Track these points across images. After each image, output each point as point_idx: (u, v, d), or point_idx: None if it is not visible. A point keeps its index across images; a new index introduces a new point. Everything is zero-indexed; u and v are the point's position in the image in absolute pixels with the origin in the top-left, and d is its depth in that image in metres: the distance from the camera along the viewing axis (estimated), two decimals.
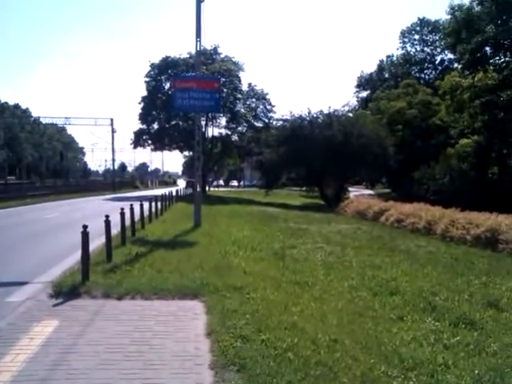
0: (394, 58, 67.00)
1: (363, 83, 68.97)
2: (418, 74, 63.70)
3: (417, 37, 65.64)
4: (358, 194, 40.91)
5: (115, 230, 11.03)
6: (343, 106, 42.55)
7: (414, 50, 66.17)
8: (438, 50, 63.55)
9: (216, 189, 72.46)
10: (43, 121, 74.06)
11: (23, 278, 8.55)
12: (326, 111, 38.16)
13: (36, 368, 4.42)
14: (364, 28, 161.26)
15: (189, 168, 68.22)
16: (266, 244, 12.31)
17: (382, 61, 68.20)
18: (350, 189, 41.85)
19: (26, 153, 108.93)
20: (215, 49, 49.67)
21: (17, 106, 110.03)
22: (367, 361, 4.61)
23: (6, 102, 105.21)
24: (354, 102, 67.09)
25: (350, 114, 43.83)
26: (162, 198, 22.62)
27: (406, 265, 9.97)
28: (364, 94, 68.15)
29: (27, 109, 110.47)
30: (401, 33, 66.17)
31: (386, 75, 66.30)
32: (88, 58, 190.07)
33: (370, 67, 75.54)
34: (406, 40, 65.96)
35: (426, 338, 5.32)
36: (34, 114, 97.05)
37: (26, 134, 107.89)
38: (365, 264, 9.82)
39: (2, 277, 8.67)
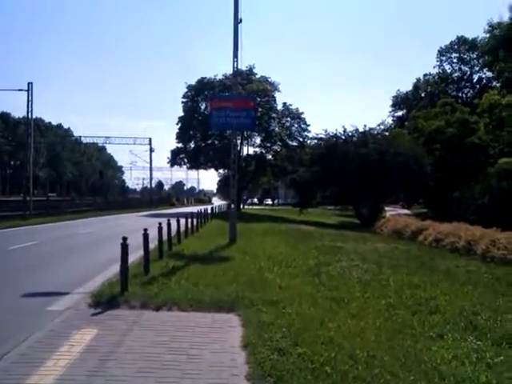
0: (431, 77, 66.13)
1: (399, 102, 68.25)
2: (455, 93, 62.72)
3: (454, 55, 64.77)
4: (394, 214, 40.18)
5: (152, 244, 11.22)
6: (379, 125, 42.14)
7: (451, 68, 65.32)
8: (476, 68, 62.51)
9: (250, 207, 72.70)
10: (84, 140, 76.49)
11: (64, 288, 8.78)
12: (361, 129, 37.99)
13: (76, 373, 4.53)
14: (399, 47, 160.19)
15: (223, 186, 68.69)
16: (300, 261, 12.24)
17: (418, 79, 67.43)
18: (386, 208, 41.17)
19: (67, 171, 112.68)
20: (251, 69, 50.36)
21: (59, 126, 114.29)
22: (406, 377, 4.50)
23: (49, 122, 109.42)
24: (389, 121, 66.50)
25: (386, 133, 43.38)
26: (198, 214, 22.88)
27: (445, 284, 9.69)
28: (400, 113, 67.43)
29: (69, 128, 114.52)
30: (438, 51, 65.50)
31: (422, 94, 65.43)
32: (127, 80, 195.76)
33: (406, 86, 74.69)
34: (444, 58, 65.20)
35: (467, 357, 5.15)
36: (76, 134, 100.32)
37: (68, 152, 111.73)
38: (403, 283, 9.61)
39: (43, 287, 8.95)
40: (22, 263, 12.35)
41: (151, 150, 66.51)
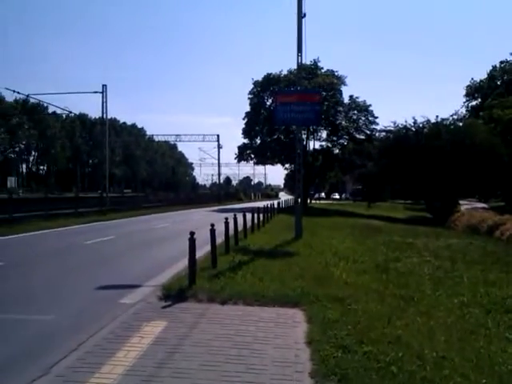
0: (508, 64, 61.79)
1: (473, 92, 64.52)
2: None
3: None
4: (469, 208, 38.25)
5: (220, 238, 11.44)
6: (452, 116, 40.09)
7: None
8: None
9: (317, 201, 72.11)
10: (156, 138, 79.56)
11: (135, 281, 9.17)
12: (432, 121, 36.45)
13: (145, 364, 4.69)
14: (472, 34, 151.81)
15: (290, 181, 68.64)
16: (368, 256, 11.98)
17: (494, 67, 63.33)
18: (460, 202, 39.26)
19: (141, 168, 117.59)
20: (315, 63, 49.71)
21: (134, 126, 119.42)
22: (479, 380, 4.28)
23: (124, 122, 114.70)
24: (463, 111, 63.10)
25: (460, 124, 41.25)
26: (264, 209, 23.02)
27: None
28: (474, 102, 63.72)
29: (142, 128, 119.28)
30: None
31: (498, 82, 61.37)
32: (197, 79, 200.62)
33: (480, 74, 70.16)
34: None
35: None
36: (149, 133, 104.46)
37: (141, 151, 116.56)
38: (477, 280, 9.14)
39: (117, 280, 9.41)
40: (98, 257, 13.04)
41: (219, 147, 68.04)
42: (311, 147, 51.93)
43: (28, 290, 8.47)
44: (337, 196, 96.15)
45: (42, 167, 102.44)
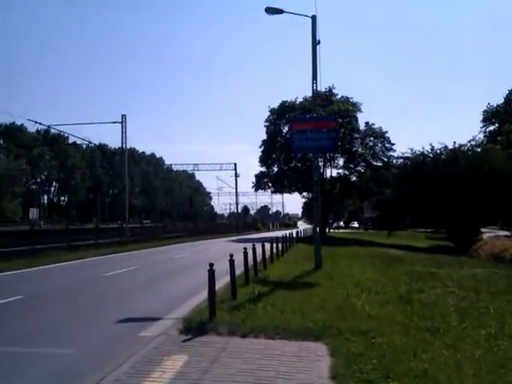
0: None
1: (490, 117, 64.13)
2: None
3: None
4: (491, 236, 37.47)
5: (239, 269, 11.38)
6: (469, 141, 39.81)
7: None
8: None
9: (336, 230, 71.55)
10: (174, 168, 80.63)
11: (157, 314, 9.14)
12: (450, 147, 36.21)
13: None
14: (487, 59, 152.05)
15: (308, 209, 68.45)
16: (390, 287, 11.75)
17: (510, 91, 63.02)
18: (482, 230, 38.52)
19: (160, 198, 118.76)
20: (330, 90, 50.11)
21: (152, 155, 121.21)
22: None
23: (143, 152, 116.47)
24: (480, 136, 62.58)
25: (478, 150, 40.87)
26: (283, 239, 22.93)
27: None
28: (491, 127, 63.24)
29: (161, 157, 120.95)
30: None
31: None
32: (214, 107, 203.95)
33: (497, 99, 69.91)
34: None
35: None
36: (167, 162, 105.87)
37: (160, 181, 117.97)
38: (504, 310, 8.88)
39: (137, 313, 9.40)
40: (118, 289, 13.08)
41: (236, 175, 68.47)
42: (328, 175, 51.99)
43: (47, 324, 8.50)
44: (356, 225, 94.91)
45: (62, 198, 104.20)
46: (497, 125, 60.69)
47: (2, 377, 5.58)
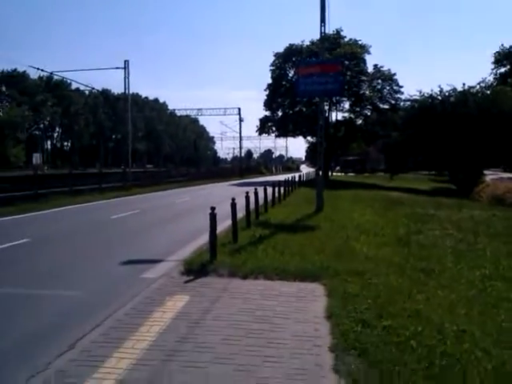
0: None
1: (502, 58, 62.15)
2: None
3: None
4: (495, 178, 37.43)
5: (241, 213, 11.51)
6: (479, 83, 38.87)
7: None
8: None
9: (340, 174, 71.57)
10: (178, 113, 79.68)
11: (159, 256, 9.35)
12: (459, 89, 35.46)
13: (167, 339, 4.80)
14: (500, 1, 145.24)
15: (312, 153, 68.09)
16: (389, 229, 11.92)
17: None
18: (486, 172, 38.45)
19: (164, 143, 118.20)
20: (338, 33, 48.57)
21: (156, 101, 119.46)
22: (500, 355, 4.26)
23: (146, 97, 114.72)
24: (491, 79, 60.96)
25: (488, 92, 40.02)
26: (285, 183, 23.00)
27: None
28: (503, 69, 61.45)
29: (164, 102, 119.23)
30: None
31: None
32: (218, 53, 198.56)
33: (509, 40, 67.13)
34: None
35: None
36: (171, 107, 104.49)
37: (164, 125, 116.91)
38: (500, 252, 9.04)
39: (140, 255, 9.60)
40: (122, 232, 13.31)
41: (240, 120, 67.73)
42: (333, 119, 51.32)
43: (54, 267, 8.71)
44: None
45: (66, 143, 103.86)
46: (508, 67, 59.01)
47: (10, 318, 5.78)
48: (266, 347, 4.60)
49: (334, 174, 65.34)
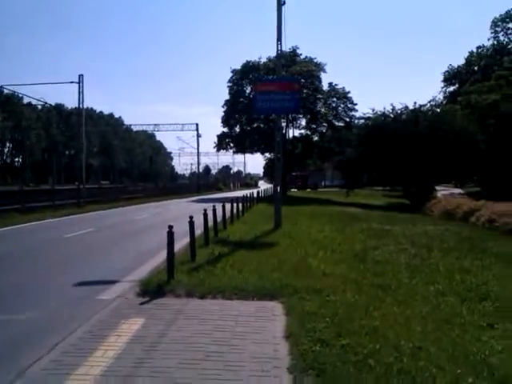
0: (485, 49, 62.48)
1: (451, 77, 65.15)
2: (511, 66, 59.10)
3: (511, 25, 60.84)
4: (446, 193, 38.85)
5: (199, 230, 11.38)
6: (429, 102, 40.49)
7: (506, 39, 61.44)
8: None
9: (297, 190, 72.34)
10: (134, 128, 78.73)
11: (115, 276, 9.08)
12: (411, 107, 36.77)
13: (122, 364, 4.63)
14: (449, 20, 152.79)
15: (270, 169, 68.60)
16: (346, 245, 12.09)
17: (471, 52, 63.90)
18: (437, 188, 39.86)
19: (120, 158, 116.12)
20: (294, 50, 49.56)
21: (111, 116, 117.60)
22: (453, 371, 4.34)
23: (101, 112, 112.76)
24: (440, 97, 63.63)
25: (438, 110, 41.68)
26: (244, 199, 23.00)
27: (497, 268, 9.34)
28: (452, 88, 64.38)
29: (120, 117, 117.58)
30: (493, 22, 61.63)
31: (475, 68, 62.10)
32: (175, 68, 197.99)
33: (457, 60, 70.55)
34: (499, 29, 61.37)
35: None
36: (126, 122, 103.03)
37: (119, 141, 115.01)
38: (453, 267, 9.30)
39: (95, 275, 9.29)
40: (77, 251, 12.87)
41: (198, 136, 67.50)
42: (290, 135, 51.96)
43: (3, 289, 8.28)
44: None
45: (16, 159, 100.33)
46: (457, 85, 61.80)
47: None
48: (224, 370, 4.51)
49: (293, 190, 66.06)
